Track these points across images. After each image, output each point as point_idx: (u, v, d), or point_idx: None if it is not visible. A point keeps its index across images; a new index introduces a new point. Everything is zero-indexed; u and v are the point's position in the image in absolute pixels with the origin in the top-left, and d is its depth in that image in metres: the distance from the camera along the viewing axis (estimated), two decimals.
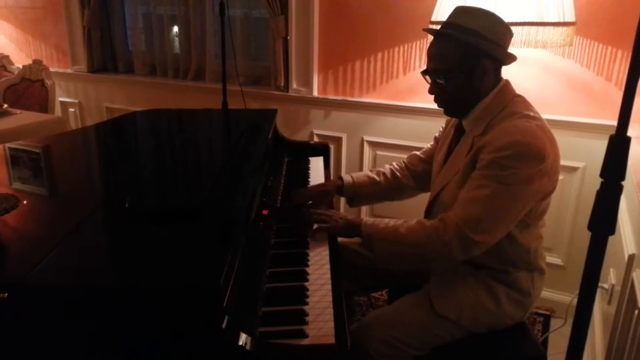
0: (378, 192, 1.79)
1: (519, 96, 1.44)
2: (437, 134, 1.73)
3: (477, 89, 1.41)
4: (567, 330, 1.09)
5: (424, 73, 1.47)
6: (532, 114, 1.37)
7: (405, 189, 1.79)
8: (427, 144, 1.75)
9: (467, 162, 1.40)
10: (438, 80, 1.42)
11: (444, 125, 1.71)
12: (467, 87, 1.40)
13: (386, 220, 1.45)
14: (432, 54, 1.43)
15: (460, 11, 1.41)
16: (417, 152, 1.81)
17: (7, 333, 0.98)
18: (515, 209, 1.32)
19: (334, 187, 1.76)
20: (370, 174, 1.79)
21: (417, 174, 1.77)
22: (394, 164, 1.82)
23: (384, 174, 1.78)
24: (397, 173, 1.78)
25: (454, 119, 1.60)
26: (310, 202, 1.69)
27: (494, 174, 1.29)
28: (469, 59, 1.37)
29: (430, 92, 1.47)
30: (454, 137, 1.55)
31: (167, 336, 0.96)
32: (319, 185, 1.79)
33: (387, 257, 1.42)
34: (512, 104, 1.40)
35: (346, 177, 1.78)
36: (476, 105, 1.42)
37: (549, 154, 1.30)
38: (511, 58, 1.42)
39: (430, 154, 1.74)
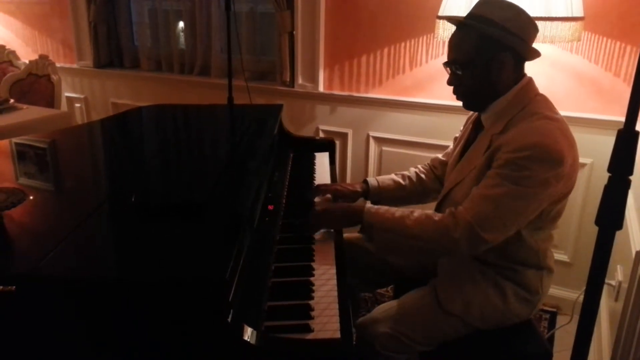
0: (403, 195, 1.76)
1: (541, 95, 1.41)
2: (457, 135, 1.70)
3: (495, 83, 1.38)
4: (573, 327, 1.09)
5: (445, 64, 1.44)
6: (553, 114, 1.34)
7: (430, 192, 1.76)
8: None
9: (484, 160, 1.37)
10: (457, 72, 1.40)
11: (464, 124, 1.67)
12: (484, 79, 1.38)
13: (391, 209, 1.42)
14: (452, 44, 1.41)
15: (484, 2, 1.38)
16: (439, 155, 1.79)
17: (15, 325, 0.99)
18: (528, 211, 1.30)
19: (360, 190, 1.74)
20: (395, 177, 1.77)
21: (440, 177, 1.75)
22: (420, 166, 1.80)
23: (409, 177, 1.76)
24: (423, 176, 1.76)
25: (473, 116, 1.58)
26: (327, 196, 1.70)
27: (510, 174, 1.27)
28: (487, 51, 1.34)
29: (449, 83, 1.45)
30: (472, 132, 1.53)
31: (173, 329, 0.96)
32: (348, 185, 1.77)
33: (389, 247, 1.42)
34: (533, 102, 1.37)
35: (371, 181, 1.75)
36: (495, 100, 1.40)
37: (567, 159, 1.27)
38: (535, 53, 1.38)
39: (450, 156, 1.69)
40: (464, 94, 1.44)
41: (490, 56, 1.35)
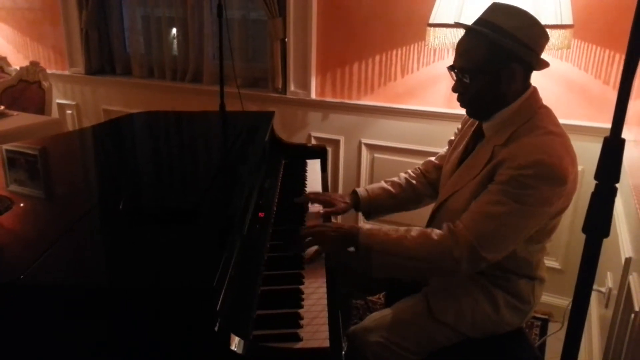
0: (395, 203, 1.72)
1: (545, 107, 1.38)
2: (452, 137, 1.65)
3: (502, 93, 1.34)
4: (564, 334, 1.09)
5: (450, 68, 1.39)
6: (557, 129, 1.32)
7: (423, 198, 1.72)
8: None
9: (485, 172, 1.34)
10: (463, 79, 1.36)
11: (459, 127, 1.63)
12: (493, 89, 1.33)
13: (385, 228, 1.38)
14: (460, 50, 1.36)
15: (494, 8, 1.33)
16: (432, 158, 1.74)
17: (1, 334, 0.97)
18: (527, 228, 1.28)
19: (350, 202, 1.70)
20: (385, 185, 1.72)
21: (433, 181, 1.70)
22: (409, 171, 1.75)
23: (399, 184, 1.71)
24: (413, 181, 1.71)
25: (470, 121, 1.54)
26: (310, 203, 1.68)
27: (513, 191, 1.24)
28: (498, 61, 1.30)
29: (454, 90, 1.40)
30: (471, 140, 1.49)
31: (159, 338, 0.95)
32: (338, 196, 1.72)
33: (387, 269, 1.36)
34: (538, 115, 1.34)
35: (361, 192, 1.71)
36: (500, 110, 1.36)
37: (570, 177, 1.26)
38: (543, 64, 1.34)
39: (444, 159, 1.65)
40: (470, 102, 1.40)
41: (501, 66, 1.30)
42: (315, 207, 1.72)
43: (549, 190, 1.24)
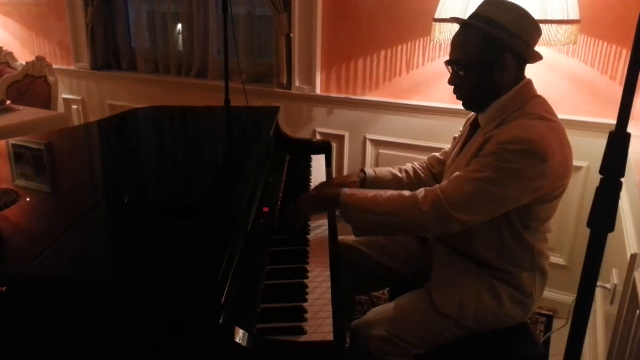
0: (399, 187, 1.74)
1: (539, 97, 1.41)
2: (456, 134, 1.70)
3: (496, 84, 1.38)
4: (568, 330, 1.09)
5: (447, 63, 1.44)
6: (548, 116, 1.35)
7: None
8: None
9: (474, 153, 1.38)
10: (458, 72, 1.40)
11: (463, 124, 1.67)
12: (486, 81, 1.38)
13: (366, 190, 1.44)
14: (455, 44, 1.41)
15: (489, 2, 1.38)
16: (436, 154, 1.79)
17: (6, 327, 0.98)
18: (503, 200, 1.30)
19: (358, 179, 1.74)
20: (392, 170, 1.77)
21: (436, 175, 1.75)
22: (416, 163, 1.80)
23: (406, 171, 1.77)
24: (420, 172, 1.76)
25: (472, 117, 1.58)
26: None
27: (492, 162, 1.29)
28: (491, 53, 1.35)
29: (450, 82, 1.45)
30: (469, 132, 1.54)
31: (164, 331, 0.95)
32: (343, 177, 1.77)
33: (363, 225, 1.41)
34: (530, 103, 1.37)
35: (369, 171, 1.76)
36: (494, 100, 1.40)
37: (553, 156, 1.27)
38: (537, 57, 1.39)
39: (448, 155, 1.70)
40: (465, 94, 1.44)
41: (494, 58, 1.35)
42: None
43: (529, 166, 1.27)
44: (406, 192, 1.38)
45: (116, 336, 0.97)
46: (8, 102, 3.06)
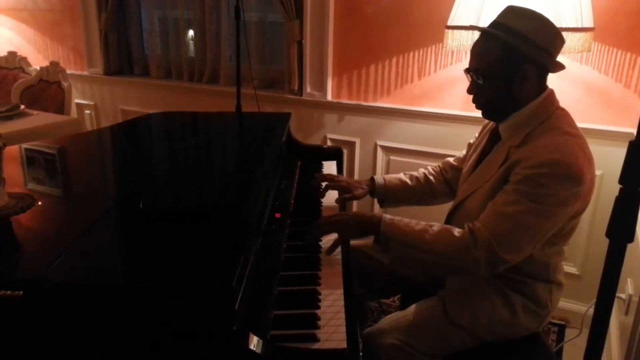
0: (410, 195, 1.74)
1: (562, 109, 1.38)
2: (471, 140, 1.67)
3: (516, 95, 1.35)
4: (581, 340, 1.08)
5: (466, 71, 1.42)
6: (573, 130, 1.32)
7: (438, 195, 1.75)
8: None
9: (500, 173, 1.34)
10: (478, 81, 1.37)
11: (480, 131, 1.65)
12: (506, 91, 1.35)
13: (409, 221, 1.36)
14: (474, 52, 1.39)
15: (509, 11, 1.36)
16: (450, 159, 1.77)
17: (21, 330, 0.98)
18: (545, 229, 1.27)
19: (367, 188, 1.73)
20: (402, 177, 1.75)
21: (449, 180, 1.73)
22: (429, 168, 1.78)
23: (417, 178, 1.74)
24: (431, 178, 1.74)
25: (490, 125, 1.55)
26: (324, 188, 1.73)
27: (528, 191, 1.24)
28: (511, 63, 1.32)
29: (469, 91, 1.42)
30: (488, 142, 1.50)
31: (178, 337, 0.95)
32: (355, 181, 1.75)
33: (405, 261, 1.35)
34: (554, 116, 1.34)
35: (378, 179, 1.74)
36: (515, 111, 1.37)
37: (586, 177, 1.24)
38: (559, 67, 1.35)
39: (462, 161, 1.68)
40: (484, 103, 1.42)
41: (514, 68, 1.32)
42: (331, 202, 1.74)
43: (565, 190, 1.23)
44: (454, 231, 1.30)
45: (130, 341, 0.97)
46: (22, 106, 3.09)
